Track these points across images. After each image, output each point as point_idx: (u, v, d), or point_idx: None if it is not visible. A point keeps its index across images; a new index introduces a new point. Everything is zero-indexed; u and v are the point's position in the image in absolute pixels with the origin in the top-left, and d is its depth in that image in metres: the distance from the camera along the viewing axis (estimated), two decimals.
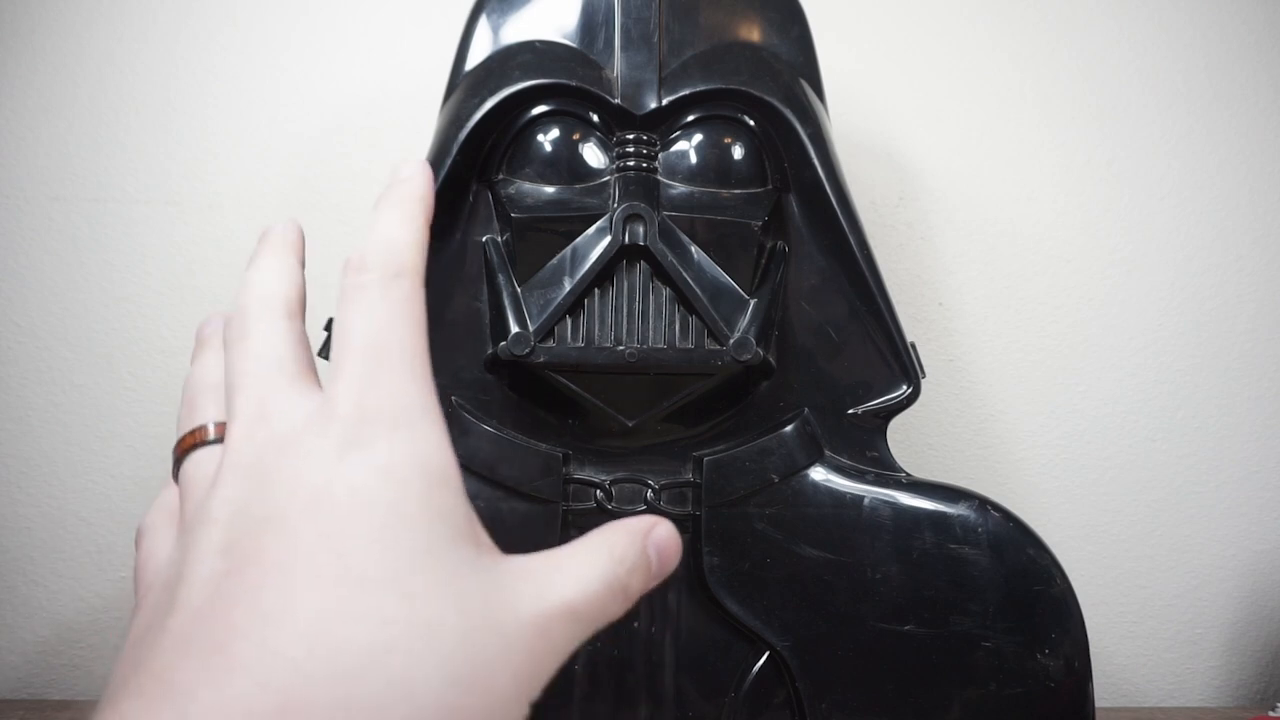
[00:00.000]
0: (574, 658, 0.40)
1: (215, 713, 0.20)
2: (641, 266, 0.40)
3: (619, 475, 0.42)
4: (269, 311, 0.28)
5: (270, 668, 0.20)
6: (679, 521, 0.41)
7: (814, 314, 0.43)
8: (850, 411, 0.43)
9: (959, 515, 0.41)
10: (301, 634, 0.21)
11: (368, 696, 0.20)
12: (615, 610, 0.26)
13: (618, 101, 0.42)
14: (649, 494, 0.41)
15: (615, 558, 0.26)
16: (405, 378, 0.25)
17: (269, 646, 0.20)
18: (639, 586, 0.26)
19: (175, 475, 0.28)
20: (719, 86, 0.42)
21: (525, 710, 0.23)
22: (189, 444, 0.27)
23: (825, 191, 0.42)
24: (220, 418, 0.27)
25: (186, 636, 0.22)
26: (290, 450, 0.24)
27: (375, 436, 0.24)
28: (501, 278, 0.41)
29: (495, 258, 0.42)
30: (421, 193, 0.29)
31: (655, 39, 0.43)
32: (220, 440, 0.27)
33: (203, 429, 0.27)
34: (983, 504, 0.42)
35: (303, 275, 0.30)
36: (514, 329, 0.40)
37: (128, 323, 0.60)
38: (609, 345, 0.40)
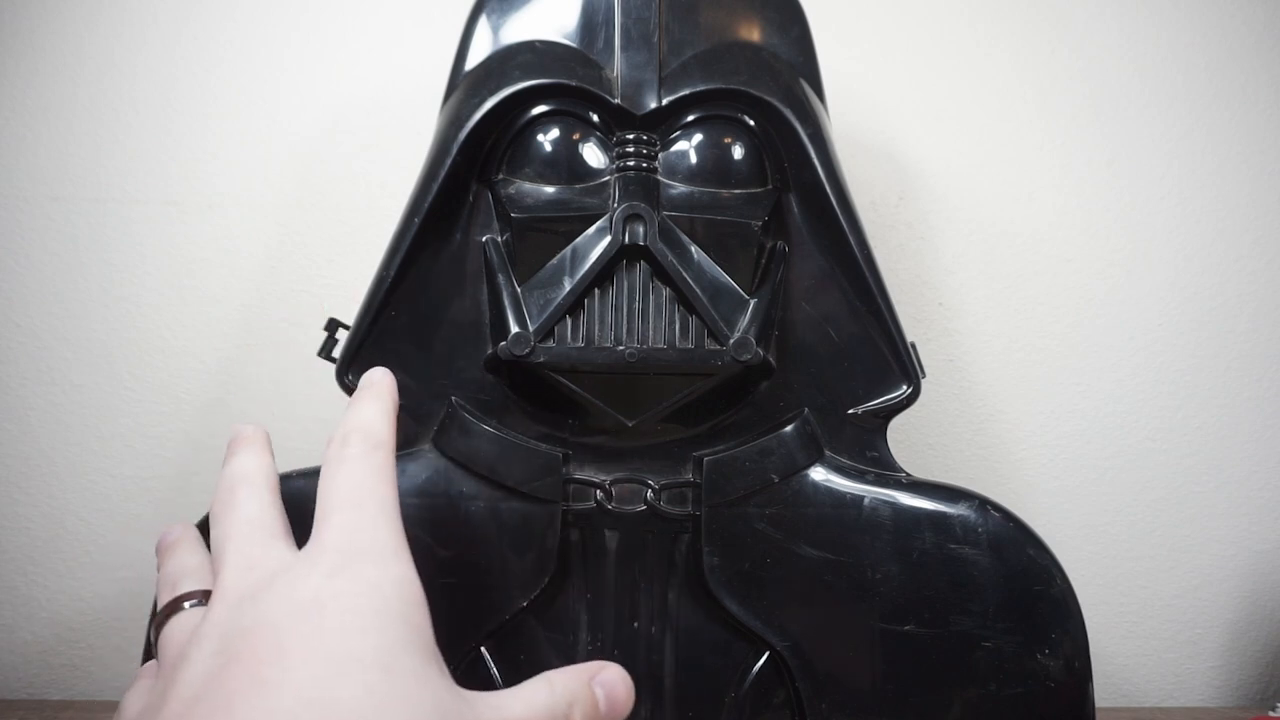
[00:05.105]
0: (574, 658, 0.41)
1: None
2: (641, 266, 0.40)
3: (619, 475, 0.42)
4: (251, 485, 0.32)
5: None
6: (679, 521, 0.42)
7: (814, 314, 0.43)
8: (850, 411, 0.43)
9: (959, 515, 0.41)
10: (298, 696, 0.22)
11: None
12: None
13: (618, 101, 0.42)
14: (649, 494, 0.41)
15: (554, 690, 0.29)
16: (384, 525, 0.28)
17: (269, 705, 0.22)
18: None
19: (154, 646, 0.29)
20: (719, 86, 0.42)
21: None
22: (169, 611, 0.29)
23: (825, 191, 0.42)
24: (200, 586, 0.30)
25: (184, 712, 0.23)
26: (279, 579, 0.26)
27: (360, 563, 0.27)
28: (501, 278, 0.41)
29: (495, 258, 0.42)
30: (389, 389, 0.35)
31: (655, 39, 0.43)
32: (200, 603, 0.29)
33: (182, 595, 0.30)
34: (983, 504, 0.42)
35: (274, 463, 0.34)
36: (514, 329, 0.40)
37: (128, 323, 0.60)
38: (609, 345, 0.40)
